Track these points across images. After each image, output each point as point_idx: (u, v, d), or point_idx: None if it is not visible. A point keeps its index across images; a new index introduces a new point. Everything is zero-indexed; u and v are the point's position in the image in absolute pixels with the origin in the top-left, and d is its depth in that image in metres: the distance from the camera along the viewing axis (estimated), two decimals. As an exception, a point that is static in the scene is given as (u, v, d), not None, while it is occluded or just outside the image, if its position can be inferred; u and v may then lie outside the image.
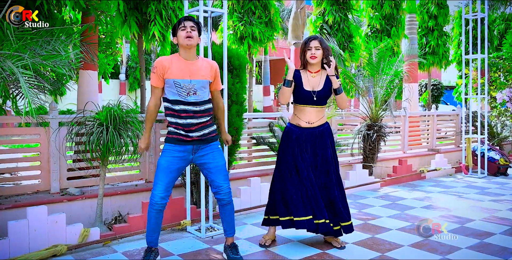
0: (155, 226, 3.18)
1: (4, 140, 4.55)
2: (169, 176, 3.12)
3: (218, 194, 3.25)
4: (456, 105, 11.53)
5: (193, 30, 3.12)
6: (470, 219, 4.55)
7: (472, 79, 7.87)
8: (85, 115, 3.85)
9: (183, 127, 3.10)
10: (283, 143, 3.65)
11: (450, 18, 13.97)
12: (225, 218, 3.33)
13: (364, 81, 6.57)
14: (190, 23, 3.13)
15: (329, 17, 10.72)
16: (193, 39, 3.10)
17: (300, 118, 3.57)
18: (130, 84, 22.83)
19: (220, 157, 3.26)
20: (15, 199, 3.95)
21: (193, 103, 3.09)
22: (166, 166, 3.11)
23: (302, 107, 3.56)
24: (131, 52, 19.63)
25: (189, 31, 3.09)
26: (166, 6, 6.74)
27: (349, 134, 7.30)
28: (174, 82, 3.07)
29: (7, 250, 3.21)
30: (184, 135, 3.11)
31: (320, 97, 3.52)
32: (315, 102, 3.52)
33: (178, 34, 3.13)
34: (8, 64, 2.98)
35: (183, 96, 3.08)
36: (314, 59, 3.47)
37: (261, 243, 3.68)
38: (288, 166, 3.57)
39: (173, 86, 3.07)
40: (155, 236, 3.22)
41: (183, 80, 3.08)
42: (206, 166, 3.23)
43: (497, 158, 7.25)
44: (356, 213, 4.80)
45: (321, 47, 3.47)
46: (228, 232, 3.36)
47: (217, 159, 3.24)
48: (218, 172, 3.23)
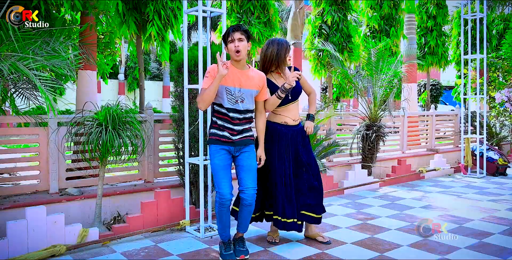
0: (228, 223, 3.36)
1: (3, 140, 4.54)
2: (226, 171, 3.28)
3: (242, 192, 3.31)
4: (455, 105, 11.54)
5: (241, 41, 3.22)
6: (469, 219, 4.55)
7: (471, 79, 7.87)
8: (84, 115, 3.85)
9: (228, 131, 3.27)
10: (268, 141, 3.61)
11: (449, 18, 13.97)
12: (242, 215, 3.39)
13: (363, 81, 6.57)
14: (237, 35, 3.22)
15: (328, 17, 10.72)
16: (241, 53, 3.22)
17: (286, 116, 3.61)
18: (129, 85, 22.83)
19: (253, 158, 3.38)
20: (14, 199, 3.95)
21: (239, 111, 3.27)
22: (221, 164, 3.27)
23: (285, 107, 3.59)
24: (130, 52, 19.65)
25: (237, 45, 3.20)
26: (165, 6, 6.75)
27: (348, 134, 7.30)
28: (226, 89, 3.23)
29: (6, 250, 3.20)
30: (227, 137, 3.28)
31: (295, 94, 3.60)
32: (290, 100, 3.58)
33: (228, 46, 3.26)
34: (20, 67, 3.00)
35: (231, 103, 3.24)
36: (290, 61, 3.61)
37: (269, 240, 3.76)
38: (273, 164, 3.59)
39: (224, 92, 3.23)
40: (227, 231, 3.39)
41: (233, 88, 3.24)
42: (241, 163, 3.33)
43: (496, 158, 7.27)
44: (355, 213, 4.81)
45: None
46: (240, 227, 3.45)
47: (252, 159, 3.34)
48: (249, 171, 3.30)
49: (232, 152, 3.33)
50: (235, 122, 3.28)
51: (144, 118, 4.63)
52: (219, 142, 3.30)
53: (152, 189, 4.47)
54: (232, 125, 3.28)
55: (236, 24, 3.30)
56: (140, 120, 4.47)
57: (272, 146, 3.59)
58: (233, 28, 3.25)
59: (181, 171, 4.51)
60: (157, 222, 4.04)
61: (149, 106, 4.81)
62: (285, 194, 3.58)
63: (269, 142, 3.59)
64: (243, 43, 3.22)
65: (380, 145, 6.44)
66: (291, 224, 3.58)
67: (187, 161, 4.06)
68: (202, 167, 3.90)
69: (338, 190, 5.69)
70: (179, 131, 4.45)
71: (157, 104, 23.39)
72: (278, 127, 3.60)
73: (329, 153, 5.74)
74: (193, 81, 4.25)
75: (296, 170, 3.65)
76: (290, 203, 3.58)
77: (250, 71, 3.33)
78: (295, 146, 3.64)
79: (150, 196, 4.39)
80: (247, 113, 3.33)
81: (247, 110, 3.32)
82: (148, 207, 4.00)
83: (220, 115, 3.31)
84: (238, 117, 3.28)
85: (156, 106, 22.90)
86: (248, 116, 3.35)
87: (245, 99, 3.27)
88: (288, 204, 3.58)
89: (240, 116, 3.28)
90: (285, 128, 3.60)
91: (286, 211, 3.57)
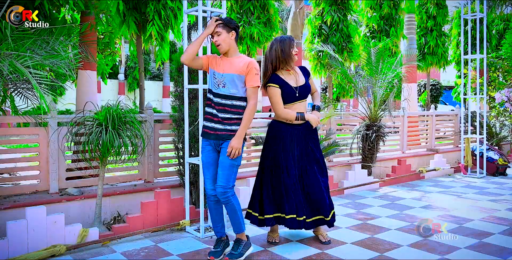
0: (218, 218, 3.42)
1: (3, 140, 4.54)
2: (209, 168, 3.35)
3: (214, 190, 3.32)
4: (455, 105, 11.53)
5: (219, 34, 3.29)
6: (469, 219, 4.55)
7: (471, 79, 7.87)
8: (84, 115, 3.85)
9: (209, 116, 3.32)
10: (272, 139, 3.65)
11: (449, 18, 13.97)
12: (228, 215, 3.37)
13: (363, 81, 6.57)
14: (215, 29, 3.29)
15: (328, 17, 10.72)
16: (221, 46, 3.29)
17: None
18: (129, 85, 22.82)
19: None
20: (14, 199, 3.95)
21: (220, 95, 3.27)
22: (205, 161, 3.38)
23: (291, 105, 3.59)
24: (130, 52, 19.67)
25: (216, 40, 3.30)
26: (165, 6, 6.74)
27: (348, 134, 7.29)
28: (213, 73, 3.34)
29: (6, 250, 3.20)
30: (209, 127, 3.32)
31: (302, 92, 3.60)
32: (297, 98, 3.59)
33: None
34: (17, 65, 2.99)
35: (215, 88, 3.31)
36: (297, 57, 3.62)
37: (269, 240, 3.76)
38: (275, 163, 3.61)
39: (212, 76, 3.34)
40: (218, 226, 3.43)
41: (218, 73, 3.31)
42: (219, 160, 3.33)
43: (496, 158, 7.26)
44: (355, 213, 4.81)
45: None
46: (233, 228, 3.41)
47: (224, 156, 3.27)
48: (220, 168, 3.27)
49: (216, 147, 3.34)
50: (218, 108, 3.27)
51: (144, 118, 4.63)
52: (205, 134, 3.36)
53: (152, 189, 4.47)
54: (216, 111, 3.27)
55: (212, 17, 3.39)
56: (140, 120, 4.47)
57: (277, 144, 3.61)
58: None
59: (181, 171, 4.51)
60: (157, 222, 4.04)
61: (149, 106, 4.81)
62: (294, 192, 3.58)
63: (275, 140, 3.62)
64: (221, 37, 3.28)
65: (380, 145, 6.44)
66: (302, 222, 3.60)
67: (187, 161, 4.06)
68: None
69: (338, 190, 5.69)
70: (179, 131, 4.45)
71: (157, 104, 23.40)
72: (283, 126, 3.61)
73: (329, 153, 5.75)
74: (193, 81, 4.25)
75: (304, 167, 3.63)
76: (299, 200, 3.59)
77: (236, 58, 3.34)
78: (302, 144, 3.62)
79: (150, 196, 4.39)
80: (231, 100, 3.25)
81: (232, 96, 3.25)
82: (148, 207, 4.00)
83: (207, 101, 3.38)
84: (220, 102, 3.26)
85: (156, 106, 22.91)
86: (232, 104, 3.25)
87: (227, 83, 3.26)
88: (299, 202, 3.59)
89: (222, 101, 3.25)
90: (291, 127, 3.60)
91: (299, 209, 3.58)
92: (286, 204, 3.58)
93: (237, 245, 3.35)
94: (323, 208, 3.64)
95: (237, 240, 3.38)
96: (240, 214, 3.34)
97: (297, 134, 3.60)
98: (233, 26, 3.33)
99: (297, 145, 3.61)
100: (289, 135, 3.60)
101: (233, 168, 3.28)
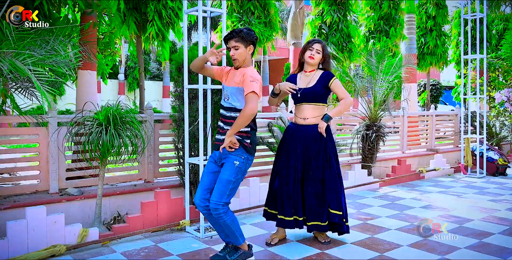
0: (216, 227, 3.31)
1: (3, 140, 4.54)
2: (204, 178, 3.27)
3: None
4: (455, 105, 11.55)
5: (237, 49, 3.17)
6: (469, 219, 4.55)
7: (471, 79, 7.87)
8: (84, 115, 3.85)
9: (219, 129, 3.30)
10: (281, 140, 3.82)
11: (448, 18, 13.97)
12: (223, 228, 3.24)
13: (363, 81, 6.57)
14: (232, 43, 3.18)
15: (328, 17, 10.71)
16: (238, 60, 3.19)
17: (297, 115, 3.74)
18: (129, 85, 22.82)
19: (227, 170, 3.13)
20: (14, 199, 3.95)
21: (224, 108, 3.27)
22: (204, 171, 3.33)
23: (299, 106, 3.73)
24: (130, 52, 19.68)
25: (233, 54, 3.21)
26: (165, 6, 6.75)
27: (348, 134, 7.29)
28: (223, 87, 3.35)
29: (6, 250, 3.20)
30: (219, 139, 3.29)
31: (305, 94, 3.64)
32: (299, 99, 3.66)
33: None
34: (16, 63, 2.99)
35: (222, 100, 3.32)
36: (311, 60, 3.66)
37: (267, 241, 3.74)
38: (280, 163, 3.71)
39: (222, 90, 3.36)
40: (222, 235, 3.33)
41: (224, 87, 3.32)
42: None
43: (496, 158, 7.26)
44: (355, 213, 4.81)
45: (322, 52, 3.69)
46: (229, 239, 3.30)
47: (223, 172, 3.15)
48: (217, 183, 3.14)
49: (218, 161, 3.24)
50: (225, 121, 3.26)
51: (144, 118, 4.63)
52: (214, 146, 3.34)
53: (152, 189, 4.47)
54: (223, 124, 3.27)
55: (231, 31, 3.19)
56: (140, 120, 4.47)
57: (282, 144, 3.74)
58: (227, 37, 3.19)
59: (181, 171, 4.51)
60: (157, 222, 4.04)
61: (149, 106, 4.81)
62: (294, 192, 3.60)
63: (283, 143, 3.74)
64: (238, 51, 3.15)
65: (380, 145, 6.44)
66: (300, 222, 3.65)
67: (187, 161, 4.07)
68: (202, 167, 3.89)
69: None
70: (179, 131, 4.45)
71: (157, 104, 23.40)
72: (290, 129, 3.74)
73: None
74: (193, 81, 4.25)
75: (306, 170, 3.65)
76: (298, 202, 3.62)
77: (239, 70, 3.22)
78: (306, 147, 3.63)
79: (150, 196, 4.39)
80: (234, 112, 3.18)
81: (235, 108, 3.19)
82: (148, 207, 4.00)
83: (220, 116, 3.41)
84: (225, 115, 3.25)
85: (156, 106, 22.91)
86: (234, 116, 3.18)
87: (230, 96, 3.22)
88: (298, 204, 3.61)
89: (227, 114, 3.23)
90: (295, 128, 3.70)
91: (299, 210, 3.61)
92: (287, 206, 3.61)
93: (233, 252, 3.29)
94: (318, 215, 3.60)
95: (236, 248, 3.31)
96: (235, 228, 3.18)
97: (305, 137, 3.63)
98: (253, 39, 3.19)
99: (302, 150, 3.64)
100: (296, 139, 3.65)
101: (228, 185, 3.10)
